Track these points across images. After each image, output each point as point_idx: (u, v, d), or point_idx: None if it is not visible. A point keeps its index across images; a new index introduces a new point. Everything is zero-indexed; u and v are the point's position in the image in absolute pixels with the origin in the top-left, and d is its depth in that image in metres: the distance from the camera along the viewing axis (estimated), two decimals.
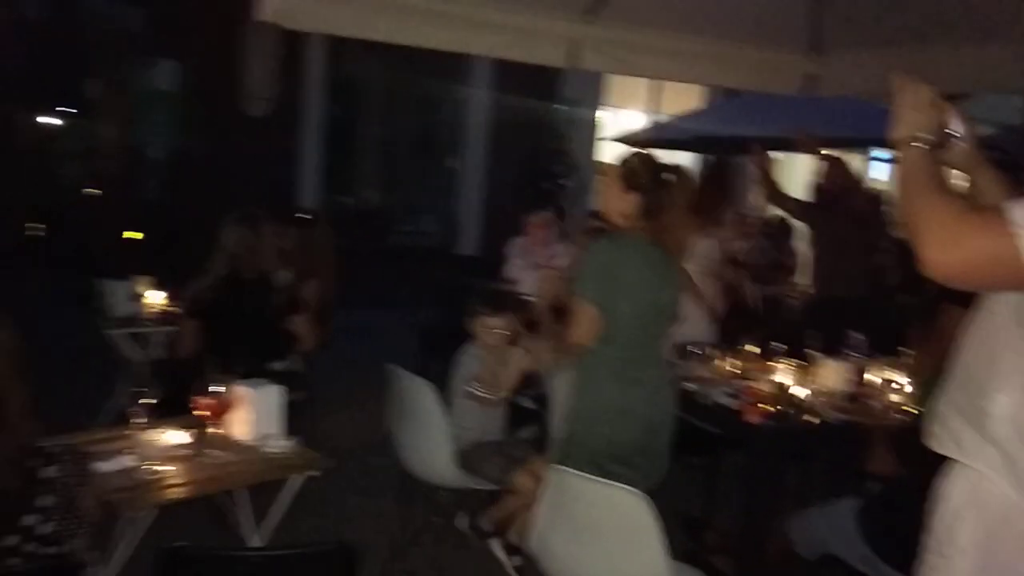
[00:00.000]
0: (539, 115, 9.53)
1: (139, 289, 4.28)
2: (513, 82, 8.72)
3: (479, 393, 3.09)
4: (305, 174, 8.80)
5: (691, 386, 3.18)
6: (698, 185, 4.10)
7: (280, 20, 3.34)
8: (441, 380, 3.26)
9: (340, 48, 8.72)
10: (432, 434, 2.97)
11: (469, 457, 3.07)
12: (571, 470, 2.19)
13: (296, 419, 2.78)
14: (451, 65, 9.20)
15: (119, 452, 2.19)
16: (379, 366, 3.25)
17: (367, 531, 3.42)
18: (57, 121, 8.02)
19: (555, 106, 9.57)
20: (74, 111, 7.75)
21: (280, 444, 2.43)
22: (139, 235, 8.19)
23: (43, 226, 7.81)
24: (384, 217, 9.85)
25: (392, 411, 3.19)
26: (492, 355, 3.16)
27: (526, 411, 3.59)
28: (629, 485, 2.05)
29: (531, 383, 3.49)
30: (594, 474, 2.16)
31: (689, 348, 3.41)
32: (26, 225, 7.33)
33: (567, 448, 2.58)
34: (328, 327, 4.35)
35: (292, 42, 7.88)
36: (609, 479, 2.13)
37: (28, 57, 7.37)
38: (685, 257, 2.73)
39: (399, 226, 10.01)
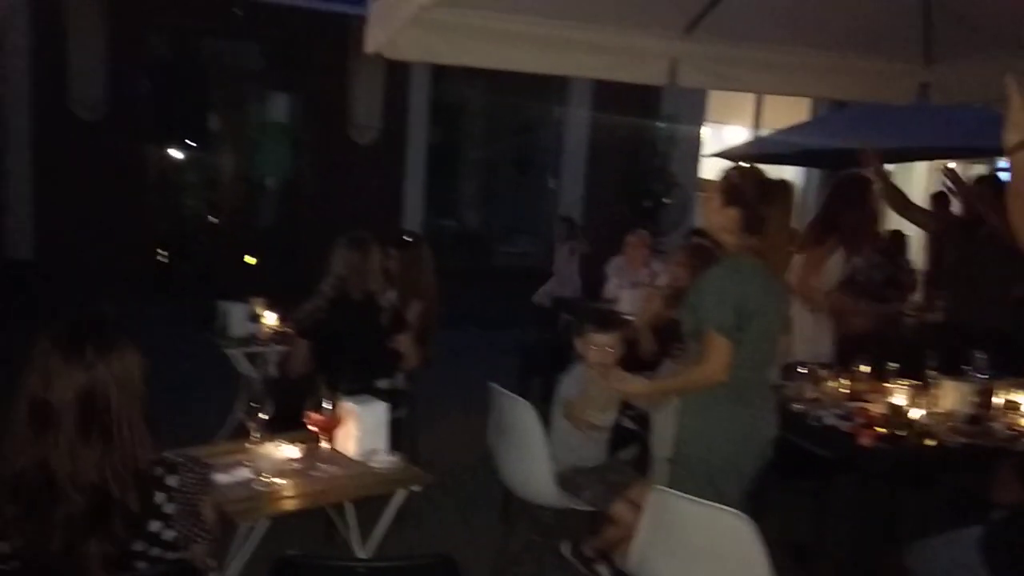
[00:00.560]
0: (638, 133, 9.48)
1: (256, 310, 4.51)
2: (612, 100, 8.72)
3: (580, 418, 3.08)
4: (408, 198, 9.06)
5: (799, 407, 3.08)
6: (835, 201, 3.92)
7: (386, 52, 3.47)
8: (542, 399, 3.28)
9: (442, 74, 8.96)
10: (532, 454, 2.98)
11: (570, 478, 3.07)
12: (674, 492, 2.16)
13: (399, 436, 2.85)
14: (549, 85, 9.31)
15: (237, 464, 2.31)
16: (480, 385, 3.30)
17: (468, 548, 3.46)
18: (181, 154, 8.54)
19: (655, 123, 9.50)
20: (196, 144, 8.24)
21: (385, 460, 2.50)
22: (254, 260, 8.60)
23: (168, 253, 8.31)
24: (484, 238, 10.00)
25: (493, 430, 3.23)
26: (596, 379, 3.14)
27: (627, 432, 3.56)
28: (736, 508, 2.01)
29: (632, 403, 3.46)
30: (711, 496, 2.12)
31: (798, 368, 3.30)
32: (155, 252, 7.82)
33: (675, 469, 2.55)
34: (431, 346, 4.44)
35: (396, 72, 8.16)
36: (722, 500, 2.09)
37: (155, 95, 7.90)
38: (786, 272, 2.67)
39: (499, 247, 10.14)
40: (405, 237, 4.63)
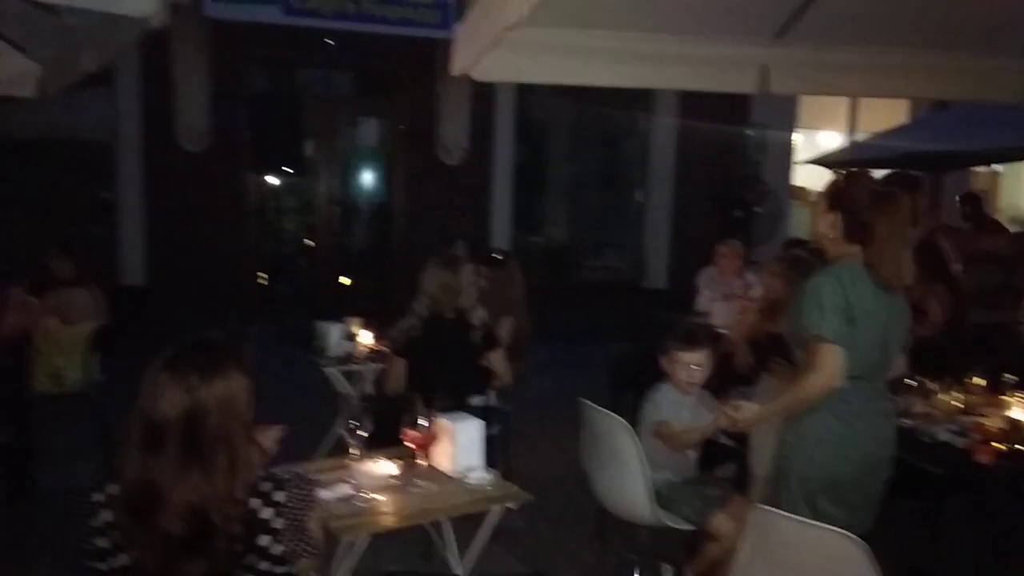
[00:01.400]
0: (727, 141, 9.31)
1: (352, 330, 4.64)
2: (699, 109, 8.60)
3: (676, 440, 3.02)
4: (496, 215, 9.14)
5: (909, 423, 2.94)
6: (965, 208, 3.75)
7: (472, 74, 3.53)
8: (634, 415, 3.24)
9: (526, 92, 9.03)
10: (627, 471, 2.94)
11: (666, 495, 3.02)
12: (778, 511, 2.09)
13: (492, 453, 2.87)
14: (634, 97, 9.24)
15: (338, 481, 2.38)
16: (571, 401, 3.29)
17: (562, 565, 3.45)
18: (279, 181, 8.88)
19: (744, 131, 9.31)
20: (293, 171, 8.56)
21: (481, 477, 2.52)
22: (348, 280, 8.85)
23: (267, 275, 8.63)
24: (571, 254, 9.99)
25: (585, 446, 3.21)
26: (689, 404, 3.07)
27: (723, 448, 3.47)
28: (843, 528, 1.92)
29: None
30: (805, 513, 2.04)
31: (907, 381, 3.16)
32: (256, 275, 8.14)
33: (776, 485, 2.48)
34: (522, 363, 4.46)
35: (482, 92, 8.27)
36: (821, 520, 2.01)
37: (253, 125, 8.26)
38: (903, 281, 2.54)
39: (586, 262, 10.11)
40: (495, 255, 4.68)
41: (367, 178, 9.75)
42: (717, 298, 5.27)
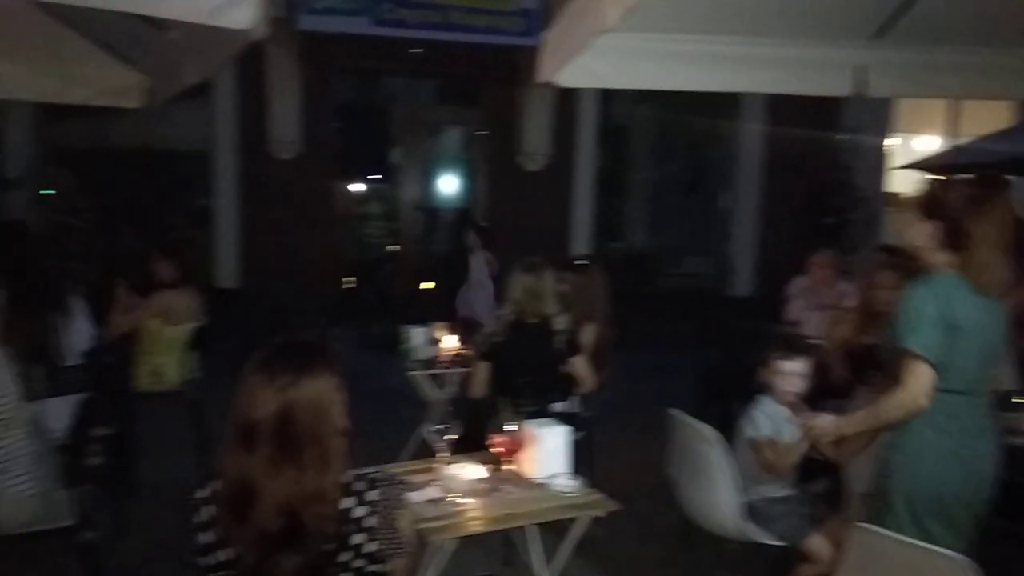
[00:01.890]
0: (818, 146, 9.02)
1: (436, 334, 4.69)
2: (788, 113, 8.37)
3: (774, 461, 2.93)
4: (577, 221, 9.12)
5: (1017, 441, 2.79)
6: None
7: (558, 80, 3.54)
8: (721, 424, 3.16)
9: (609, 97, 8.99)
10: (717, 483, 2.88)
11: (757, 510, 2.94)
12: (884, 531, 2.00)
13: (575, 459, 2.85)
14: (720, 101, 9.06)
15: (426, 484, 2.40)
16: (653, 409, 3.24)
17: None
18: (365, 187, 9.08)
19: (836, 135, 9.01)
20: (378, 177, 8.75)
21: (567, 484, 2.51)
22: (432, 285, 8.97)
23: (353, 279, 8.83)
24: (654, 260, 9.87)
25: (673, 456, 3.16)
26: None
27: (817, 463, 3.36)
28: (949, 549, 1.83)
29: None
30: (912, 533, 1.95)
31: (1014, 398, 2.99)
32: (342, 279, 8.35)
33: (878, 503, 2.38)
34: (605, 369, 4.42)
35: (565, 98, 8.28)
36: (926, 539, 1.92)
37: (341, 133, 8.48)
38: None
39: (670, 268, 9.97)
40: (578, 261, 4.66)
41: (450, 184, 9.88)
42: (809, 308, 5.11)
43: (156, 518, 4.02)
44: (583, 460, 3.73)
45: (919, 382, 2.27)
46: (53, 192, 5.92)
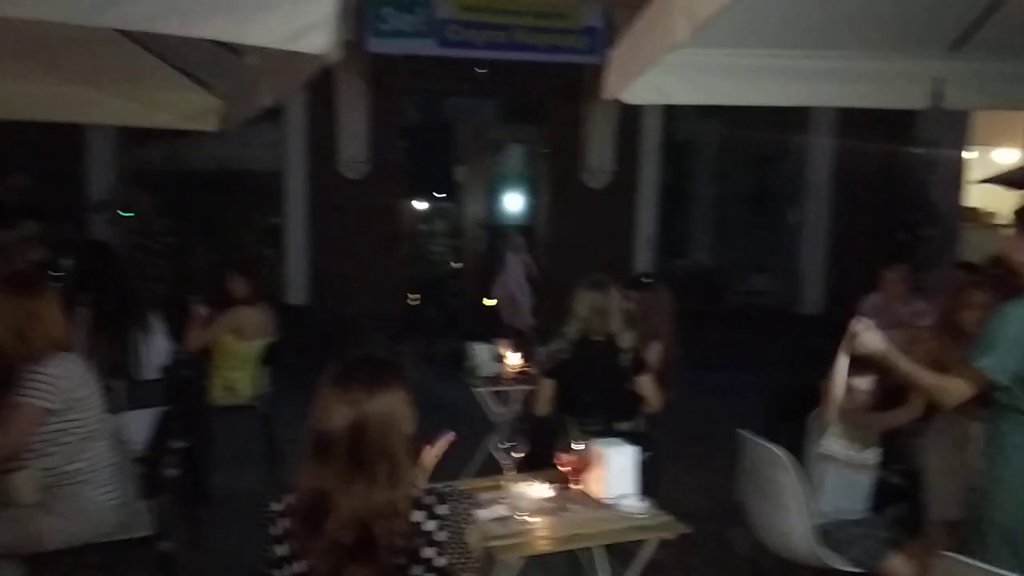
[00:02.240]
0: (891, 160, 8.78)
1: (501, 351, 4.71)
2: (860, 127, 8.16)
3: (838, 453, 2.85)
4: (641, 238, 9.05)
5: None
6: None
7: (624, 97, 3.53)
8: (791, 446, 3.08)
9: (673, 113, 8.93)
10: (789, 506, 2.80)
11: (831, 534, 2.85)
12: (976, 562, 1.91)
13: (642, 480, 2.81)
14: (789, 116, 8.91)
15: (493, 501, 2.41)
16: (719, 429, 3.18)
17: None
18: (430, 206, 9.21)
19: (910, 149, 8.75)
20: (443, 196, 8.87)
21: (635, 505, 2.47)
22: (494, 302, 9.02)
23: (418, 296, 8.94)
24: (720, 277, 9.72)
25: (743, 478, 3.09)
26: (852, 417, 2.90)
27: (893, 488, 3.24)
28: None
29: (898, 456, 3.16)
30: (1005, 565, 1.86)
31: None
32: (407, 296, 8.46)
33: (969, 533, 2.28)
34: (670, 389, 4.36)
35: (629, 115, 8.26)
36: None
37: (407, 153, 8.63)
38: None
39: (736, 286, 9.80)
40: (644, 278, 4.63)
41: (512, 202, 9.94)
42: (883, 326, 4.94)
43: (228, 529, 4.12)
44: (648, 481, 3.68)
45: (961, 389, 2.25)
46: (133, 213, 6.18)
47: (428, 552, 1.75)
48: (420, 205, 8.96)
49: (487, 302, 8.95)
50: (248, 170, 8.85)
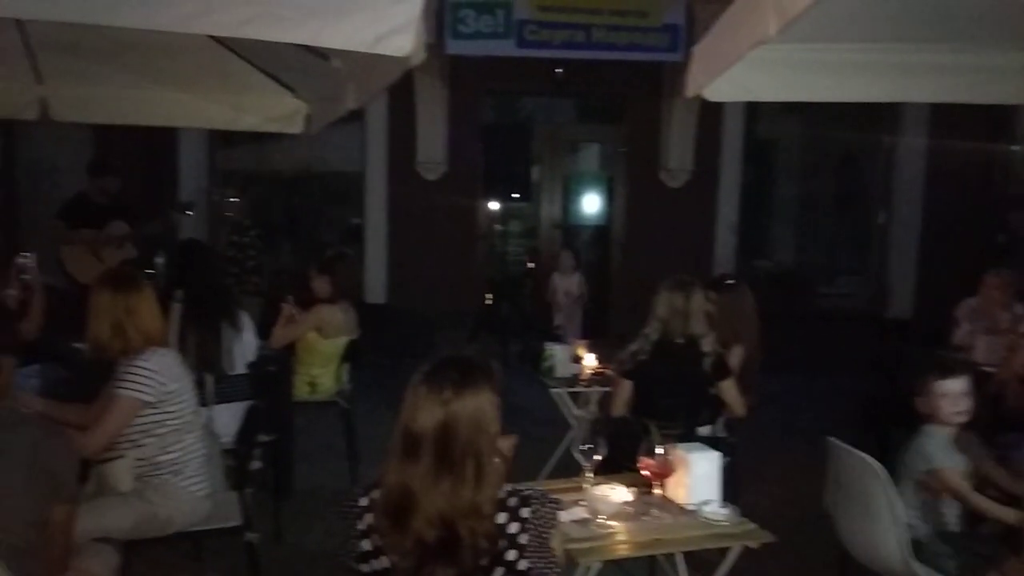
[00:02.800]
0: (988, 158, 8.37)
1: (577, 352, 4.68)
2: (953, 123, 7.80)
3: (952, 487, 2.72)
4: (720, 239, 8.88)
5: None
6: None
7: (708, 95, 3.45)
8: (879, 454, 2.96)
9: (755, 111, 8.73)
10: (879, 518, 2.69)
11: (924, 548, 2.73)
12: None
13: (724, 486, 2.74)
14: (876, 113, 8.61)
15: (573, 503, 2.39)
16: (801, 435, 3.08)
17: None
18: (505, 206, 9.21)
19: (1008, 147, 8.32)
20: (519, 196, 8.85)
21: (718, 512, 2.42)
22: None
23: (493, 296, 8.96)
24: (803, 279, 9.45)
25: (831, 487, 2.98)
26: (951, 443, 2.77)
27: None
28: None
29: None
30: None
31: None
32: (483, 296, 8.50)
33: None
34: (751, 394, 4.26)
35: (709, 113, 8.11)
36: None
37: (484, 154, 8.68)
38: None
39: (819, 288, 9.51)
40: (727, 279, 4.53)
41: (588, 202, 9.87)
42: (980, 332, 4.72)
43: (309, 523, 4.22)
44: (728, 487, 3.60)
45: None
46: (191, 212, 6.40)
47: (511, 555, 1.74)
48: (496, 205, 8.98)
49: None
50: (330, 171, 9.08)
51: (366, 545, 1.79)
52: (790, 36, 3.13)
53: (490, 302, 8.71)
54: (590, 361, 4.68)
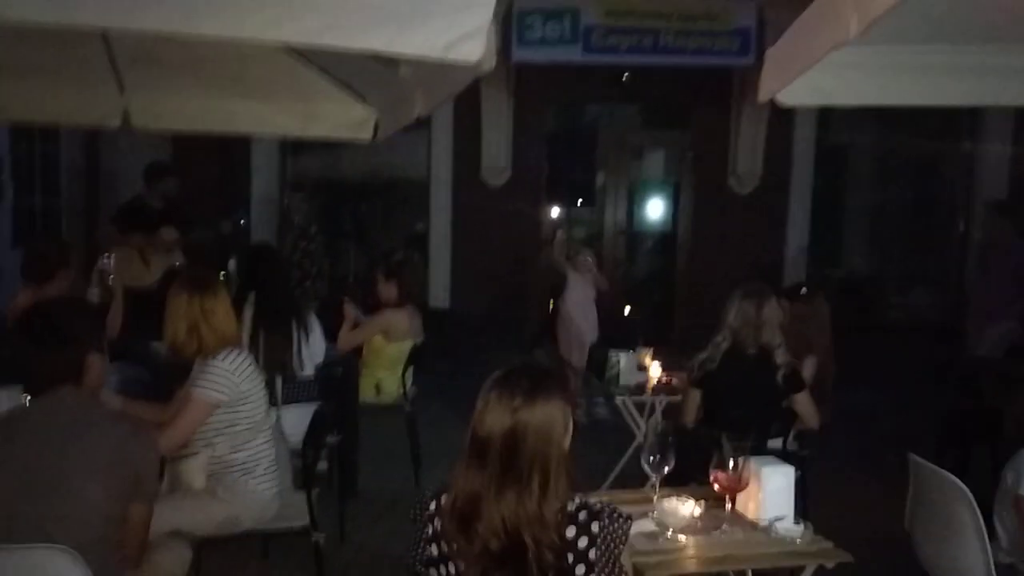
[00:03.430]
0: None
1: (643, 360, 4.61)
2: None
3: None
4: (791, 246, 8.68)
5: None
6: None
7: (782, 99, 3.36)
8: (961, 473, 2.83)
9: (828, 116, 8.51)
10: (966, 543, 2.56)
11: (1012, 572, 2.59)
12: None
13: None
14: (956, 118, 8.29)
15: (640, 515, 2.33)
16: (876, 450, 2.95)
17: None
18: (569, 212, 9.18)
19: None
20: (583, 203, 8.82)
21: (792, 529, 2.33)
22: (627, 308, 8.89)
23: (554, 302, 8.91)
24: (877, 289, 9.15)
25: (912, 506, 2.86)
26: None
27: None
28: None
29: None
30: None
31: None
32: (546, 301, 8.47)
33: None
34: (825, 406, 4.13)
35: (780, 118, 7.93)
36: None
37: (548, 160, 8.67)
38: None
39: (893, 298, 9.20)
40: (802, 288, 4.40)
41: (653, 208, 9.77)
42: None
43: (373, 525, 4.25)
44: (798, 502, 3.48)
45: None
46: (242, 220, 6.49)
47: (580, 569, 1.71)
48: (560, 212, 8.96)
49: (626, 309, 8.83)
50: (396, 178, 9.19)
51: (433, 550, 1.78)
52: (871, 38, 3.03)
53: (553, 308, 8.67)
54: (655, 370, 4.61)
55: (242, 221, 6.21)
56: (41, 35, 3.46)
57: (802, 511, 3.60)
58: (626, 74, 8.11)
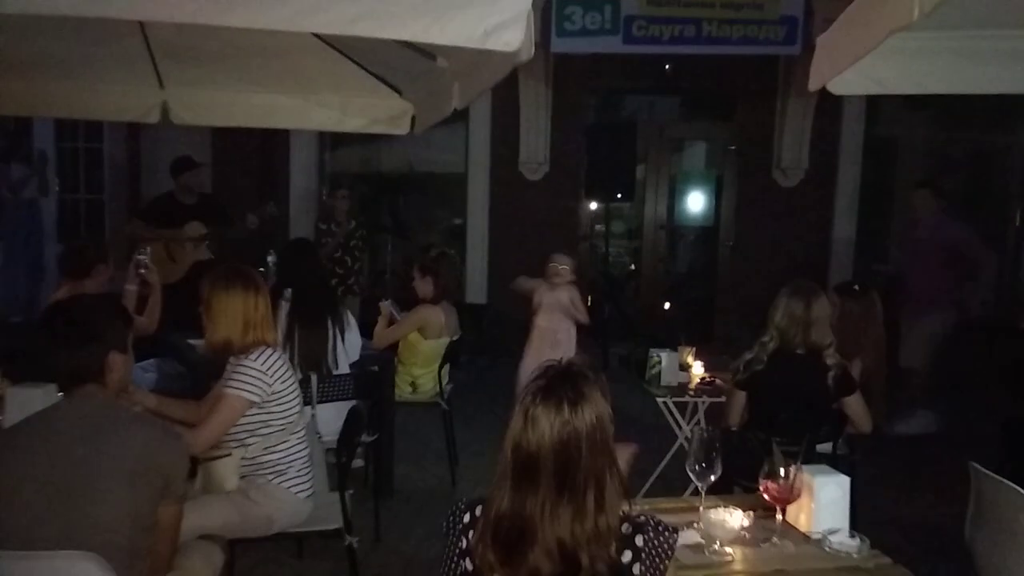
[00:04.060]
0: None
1: (685, 359, 4.48)
2: None
3: None
4: (837, 241, 8.44)
5: None
6: None
7: (833, 88, 3.22)
8: (1018, 479, 2.67)
9: (876, 106, 8.25)
10: None
11: None
12: None
13: None
14: (1013, 107, 7.96)
15: (686, 526, 2.22)
16: (928, 455, 2.80)
17: None
18: (608, 206, 9.03)
19: None
20: (622, 196, 8.65)
21: (847, 542, 2.21)
22: (667, 305, 8.74)
23: (593, 299, 8.79)
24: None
25: (971, 517, 2.71)
26: None
27: None
28: None
29: None
30: None
31: None
32: (585, 298, 8.35)
33: None
34: (879, 408, 3.96)
35: (826, 108, 7.72)
36: None
37: (587, 153, 8.54)
38: None
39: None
40: (854, 285, 4.24)
41: (695, 202, 9.57)
42: None
43: (408, 525, 4.20)
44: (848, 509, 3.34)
45: None
46: (274, 213, 6.40)
47: None
48: (599, 205, 8.82)
49: (666, 306, 8.69)
50: (433, 172, 9.14)
51: (467, 564, 1.69)
52: (931, 23, 2.88)
53: (591, 305, 8.56)
54: (698, 369, 4.48)
55: (271, 213, 6.10)
56: (80, 30, 3.47)
57: (851, 517, 3.47)
58: (666, 66, 7.94)
